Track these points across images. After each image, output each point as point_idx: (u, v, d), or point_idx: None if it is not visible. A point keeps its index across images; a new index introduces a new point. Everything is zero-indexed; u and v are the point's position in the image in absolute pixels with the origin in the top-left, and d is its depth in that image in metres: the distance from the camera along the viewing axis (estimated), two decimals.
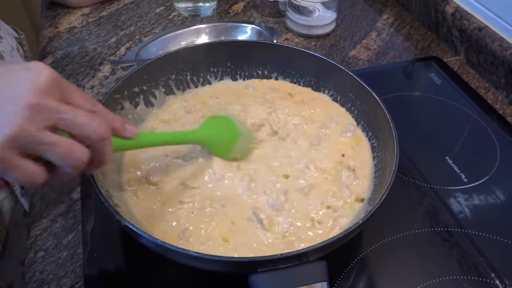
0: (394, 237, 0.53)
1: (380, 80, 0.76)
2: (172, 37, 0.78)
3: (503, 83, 0.72)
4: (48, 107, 0.35)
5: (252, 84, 0.65)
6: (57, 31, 0.86)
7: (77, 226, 0.54)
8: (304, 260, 0.40)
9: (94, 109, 0.39)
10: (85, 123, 0.37)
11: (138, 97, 0.59)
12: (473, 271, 0.50)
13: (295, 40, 0.84)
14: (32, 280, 0.49)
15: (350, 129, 0.58)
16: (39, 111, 0.34)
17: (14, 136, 0.33)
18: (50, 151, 0.35)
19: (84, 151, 0.37)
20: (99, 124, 0.38)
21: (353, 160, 0.55)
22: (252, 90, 0.64)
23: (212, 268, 0.43)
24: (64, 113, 0.36)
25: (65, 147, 0.36)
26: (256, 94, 0.63)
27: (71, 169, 0.37)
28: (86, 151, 0.37)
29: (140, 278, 0.49)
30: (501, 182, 0.59)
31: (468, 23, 0.78)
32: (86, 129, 0.37)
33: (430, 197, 0.58)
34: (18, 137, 0.34)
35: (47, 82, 0.36)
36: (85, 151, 0.37)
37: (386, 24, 0.90)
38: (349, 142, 0.57)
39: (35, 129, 0.34)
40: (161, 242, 0.39)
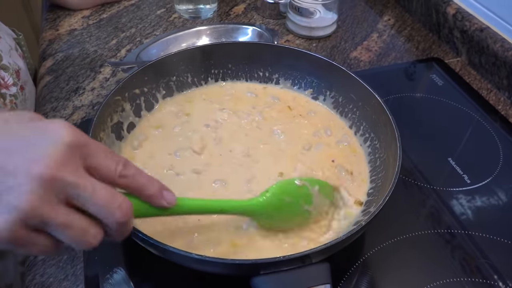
0: (396, 239, 0.53)
1: (381, 81, 0.76)
2: (173, 39, 0.78)
3: (505, 84, 0.72)
4: (64, 182, 0.31)
5: (254, 90, 0.65)
6: (58, 33, 0.86)
7: None
8: (307, 262, 0.39)
9: (124, 172, 0.35)
10: (104, 205, 0.32)
11: (139, 99, 0.59)
12: (476, 273, 0.50)
13: (296, 42, 0.84)
14: (32, 283, 0.49)
15: (346, 139, 0.58)
16: (54, 186, 0.30)
17: (26, 215, 0.30)
18: (61, 233, 0.32)
19: (96, 235, 0.33)
20: (119, 206, 0.33)
21: (349, 164, 0.55)
22: (253, 97, 0.64)
23: (214, 271, 0.43)
24: (83, 190, 0.32)
25: (77, 231, 0.32)
26: (256, 103, 0.63)
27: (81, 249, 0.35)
28: (99, 235, 0.34)
29: (142, 281, 0.49)
30: (504, 183, 0.59)
31: (469, 24, 0.77)
32: (104, 212, 0.33)
33: (433, 199, 0.57)
34: (29, 215, 0.30)
35: (67, 148, 0.31)
36: (98, 235, 0.33)
37: (387, 26, 0.90)
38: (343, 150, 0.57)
39: (47, 207, 0.30)
40: (163, 245, 0.39)
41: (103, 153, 0.34)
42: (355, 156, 0.56)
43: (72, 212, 0.32)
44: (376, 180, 0.53)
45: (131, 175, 0.35)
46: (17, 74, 0.71)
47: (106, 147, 0.35)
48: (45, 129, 0.32)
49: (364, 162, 0.56)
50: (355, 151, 0.57)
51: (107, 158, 0.34)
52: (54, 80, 0.75)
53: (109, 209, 0.33)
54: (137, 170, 0.36)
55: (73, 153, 0.32)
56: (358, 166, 0.55)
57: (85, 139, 0.33)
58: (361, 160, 0.56)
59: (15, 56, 0.73)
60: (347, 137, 0.59)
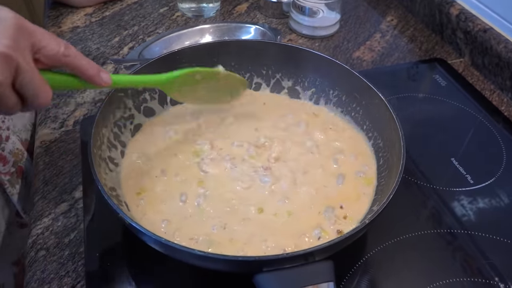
0: (398, 239, 0.52)
1: (384, 81, 0.75)
2: (175, 37, 0.78)
3: (509, 85, 0.72)
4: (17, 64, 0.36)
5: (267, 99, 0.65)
6: (60, 30, 0.86)
7: (79, 225, 0.54)
8: (310, 260, 0.39)
9: (66, 52, 0.40)
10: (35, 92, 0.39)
11: (142, 95, 0.59)
12: (477, 273, 0.49)
13: (298, 41, 0.84)
14: (33, 280, 0.49)
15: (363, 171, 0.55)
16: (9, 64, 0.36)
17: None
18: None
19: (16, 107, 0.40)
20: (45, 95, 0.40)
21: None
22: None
23: (216, 268, 0.42)
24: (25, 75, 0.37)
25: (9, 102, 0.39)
26: (269, 113, 0.63)
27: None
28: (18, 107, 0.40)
29: (143, 277, 0.49)
30: (507, 183, 0.59)
31: (472, 25, 0.77)
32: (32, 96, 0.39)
33: (436, 199, 0.57)
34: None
35: (16, 29, 0.36)
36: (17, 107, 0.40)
37: (390, 26, 0.90)
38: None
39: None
40: (165, 241, 0.39)
41: (47, 35, 0.40)
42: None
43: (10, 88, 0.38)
44: (379, 179, 0.53)
45: (73, 54, 0.41)
46: None
47: (46, 31, 0.40)
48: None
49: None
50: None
51: (51, 39, 0.40)
52: None
53: (37, 95, 0.39)
54: (78, 52, 0.42)
55: (22, 34, 0.37)
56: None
57: (29, 23, 0.39)
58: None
59: None
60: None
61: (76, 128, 0.66)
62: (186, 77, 0.53)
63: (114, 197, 0.46)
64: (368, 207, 0.50)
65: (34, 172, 0.60)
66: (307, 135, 0.59)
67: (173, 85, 0.53)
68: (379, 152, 0.55)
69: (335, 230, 0.48)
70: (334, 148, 0.57)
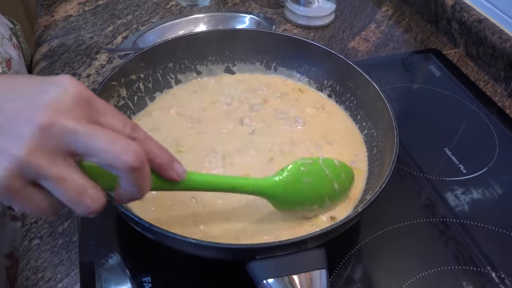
0: (391, 228, 0.53)
1: (378, 71, 0.75)
2: (169, 26, 0.77)
3: (503, 75, 0.72)
4: (63, 128, 0.28)
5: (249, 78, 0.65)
6: (53, 19, 0.85)
7: (72, 213, 0.54)
8: (303, 248, 0.39)
9: (132, 134, 0.32)
10: (106, 149, 0.29)
11: (136, 84, 0.59)
12: (468, 262, 0.50)
13: (293, 31, 0.84)
14: (27, 268, 0.49)
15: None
16: (52, 132, 0.28)
17: (21, 163, 0.27)
18: (55, 188, 0.29)
19: (97, 197, 0.30)
20: (125, 148, 0.29)
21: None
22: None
23: (209, 255, 0.42)
24: (81, 135, 0.28)
25: (73, 187, 0.29)
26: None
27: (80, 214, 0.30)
28: (101, 198, 0.30)
29: (137, 265, 0.49)
30: (499, 173, 0.59)
31: (467, 15, 0.77)
32: (108, 157, 0.29)
33: (429, 188, 0.58)
34: (24, 164, 0.28)
35: (74, 99, 0.29)
36: (99, 198, 0.30)
37: (385, 16, 0.89)
38: None
39: (44, 157, 0.28)
40: (159, 229, 0.39)
41: (111, 112, 0.32)
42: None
43: (71, 166, 0.29)
44: (372, 168, 0.53)
45: (140, 138, 0.32)
46: (7, 63, 0.70)
47: (115, 108, 0.33)
48: (54, 80, 0.30)
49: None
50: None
51: (115, 117, 0.31)
52: (49, 66, 0.75)
53: (113, 152, 0.29)
54: (147, 135, 0.33)
55: (80, 105, 0.30)
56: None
57: (94, 96, 0.31)
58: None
59: (7, 45, 0.72)
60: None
61: None
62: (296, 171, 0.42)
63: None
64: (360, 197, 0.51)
65: None
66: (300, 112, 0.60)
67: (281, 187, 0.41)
68: (373, 141, 0.55)
69: (328, 216, 0.48)
70: (328, 137, 0.58)
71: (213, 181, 0.39)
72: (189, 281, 0.48)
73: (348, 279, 0.48)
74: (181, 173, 0.35)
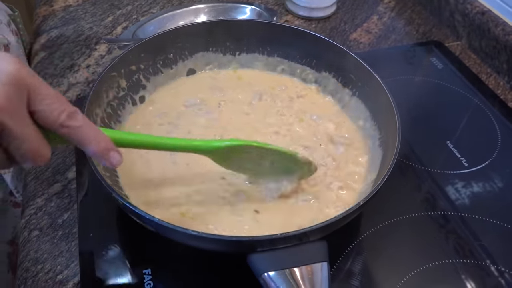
0: (392, 221, 0.52)
1: (380, 63, 0.73)
2: (170, 16, 0.76)
3: (505, 68, 0.72)
4: (3, 125, 0.31)
5: None
6: (52, 9, 0.84)
7: (72, 205, 0.53)
8: (304, 240, 0.39)
9: (66, 123, 0.34)
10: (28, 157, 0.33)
11: (136, 75, 0.58)
12: (468, 255, 0.50)
13: (295, 22, 0.83)
14: (27, 259, 0.49)
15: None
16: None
17: None
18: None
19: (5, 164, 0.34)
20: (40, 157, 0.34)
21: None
22: None
23: (210, 247, 0.42)
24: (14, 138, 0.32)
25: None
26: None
27: None
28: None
29: (137, 257, 0.49)
30: (501, 166, 0.59)
31: (470, 7, 0.77)
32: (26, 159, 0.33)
33: (430, 181, 0.57)
34: None
35: (12, 88, 0.31)
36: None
37: (388, 8, 0.88)
38: None
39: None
40: (159, 221, 0.39)
41: (50, 99, 0.34)
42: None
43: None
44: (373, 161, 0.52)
45: (74, 126, 0.34)
46: (5, 48, 0.69)
47: (56, 92, 0.35)
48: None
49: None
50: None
51: (51, 104, 0.34)
52: (48, 57, 0.74)
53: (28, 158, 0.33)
54: (85, 122, 0.35)
55: (18, 92, 0.32)
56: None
57: (33, 80, 0.33)
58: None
59: (5, 30, 0.71)
60: None
61: None
62: (237, 148, 0.45)
63: (108, 178, 0.46)
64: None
65: None
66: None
67: (219, 154, 0.45)
68: (374, 133, 0.55)
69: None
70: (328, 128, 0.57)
71: (162, 142, 0.43)
72: (189, 273, 0.48)
73: (349, 272, 0.48)
74: (116, 162, 0.37)
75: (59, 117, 0.34)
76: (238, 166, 0.48)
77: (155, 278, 0.47)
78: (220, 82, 0.63)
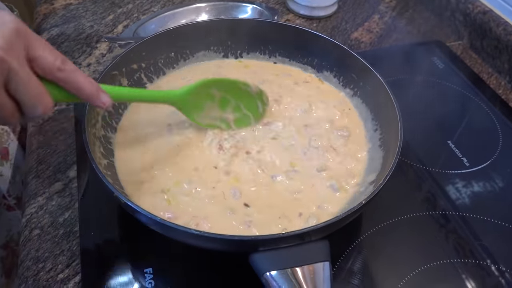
0: (394, 220, 0.52)
1: (382, 63, 0.74)
2: (171, 15, 0.76)
3: (507, 68, 0.72)
4: (10, 66, 0.34)
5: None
6: (53, 7, 0.84)
7: (73, 204, 0.53)
8: (306, 240, 0.39)
9: (62, 66, 0.38)
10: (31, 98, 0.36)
11: (137, 74, 0.58)
12: (468, 255, 0.50)
13: (296, 21, 0.83)
14: (28, 258, 0.49)
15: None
16: (1, 67, 0.34)
17: None
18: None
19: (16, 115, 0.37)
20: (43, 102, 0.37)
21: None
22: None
23: (212, 247, 0.42)
24: (21, 79, 0.35)
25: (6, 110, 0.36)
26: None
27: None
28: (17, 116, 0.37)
29: (138, 255, 0.48)
30: (502, 166, 0.59)
31: (472, 7, 0.76)
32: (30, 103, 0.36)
33: (431, 181, 0.57)
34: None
35: (13, 33, 0.35)
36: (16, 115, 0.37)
37: (389, 7, 0.88)
38: None
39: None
40: (161, 220, 0.39)
41: (43, 46, 0.37)
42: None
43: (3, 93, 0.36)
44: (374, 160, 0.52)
45: (69, 70, 0.38)
46: None
47: (47, 42, 0.38)
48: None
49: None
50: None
51: (46, 50, 0.37)
52: None
53: (35, 102, 0.37)
54: (75, 68, 0.39)
55: (19, 39, 0.35)
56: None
57: (29, 30, 0.37)
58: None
59: None
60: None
61: (70, 107, 0.65)
62: (201, 90, 0.50)
63: (109, 176, 0.46)
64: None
65: (27, 151, 0.60)
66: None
67: (187, 102, 0.50)
68: (376, 133, 0.55)
69: None
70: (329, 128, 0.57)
71: (137, 94, 0.49)
72: (191, 272, 0.48)
73: (350, 271, 0.48)
74: (106, 102, 0.41)
75: (55, 62, 0.37)
76: (206, 115, 0.52)
77: (156, 277, 0.47)
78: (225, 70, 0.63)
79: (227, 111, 0.54)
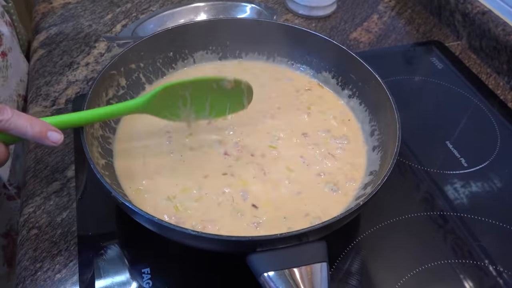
0: (392, 221, 0.52)
1: (380, 63, 0.74)
2: (170, 14, 0.76)
3: (505, 68, 0.72)
4: None
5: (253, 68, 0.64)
6: (51, 6, 0.84)
7: (71, 204, 0.53)
8: (304, 241, 0.39)
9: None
10: None
11: (136, 74, 0.58)
12: (467, 255, 0.50)
13: (295, 21, 0.83)
14: (25, 258, 0.49)
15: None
16: None
17: None
18: None
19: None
20: None
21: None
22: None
23: (209, 247, 0.42)
24: None
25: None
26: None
27: None
28: None
29: (136, 255, 0.48)
30: (501, 167, 0.59)
31: (471, 7, 0.76)
32: None
33: (429, 181, 0.57)
34: None
35: None
36: None
37: (388, 7, 0.88)
38: None
39: None
40: (158, 220, 0.39)
41: None
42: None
43: None
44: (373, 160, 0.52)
45: (5, 119, 0.38)
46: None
47: None
48: None
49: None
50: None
51: None
52: (47, 54, 0.74)
53: None
54: (15, 113, 0.39)
55: None
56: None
57: None
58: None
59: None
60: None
61: (68, 107, 0.65)
62: (165, 94, 0.48)
63: (107, 176, 0.45)
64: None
65: (26, 151, 0.60)
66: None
67: (153, 106, 0.48)
68: (374, 133, 0.55)
69: None
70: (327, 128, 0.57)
71: (99, 114, 0.46)
72: (188, 272, 0.48)
73: (348, 272, 0.48)
74: (57, 140, 0.41)
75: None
76: (181, 112, 0.50)
77: (154, 277, 0.46)
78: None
79: (200, 107, 0.52)
